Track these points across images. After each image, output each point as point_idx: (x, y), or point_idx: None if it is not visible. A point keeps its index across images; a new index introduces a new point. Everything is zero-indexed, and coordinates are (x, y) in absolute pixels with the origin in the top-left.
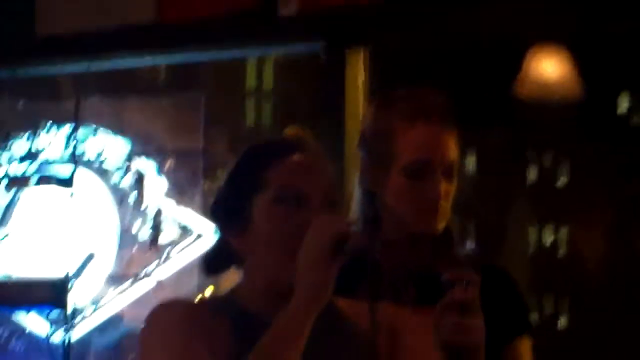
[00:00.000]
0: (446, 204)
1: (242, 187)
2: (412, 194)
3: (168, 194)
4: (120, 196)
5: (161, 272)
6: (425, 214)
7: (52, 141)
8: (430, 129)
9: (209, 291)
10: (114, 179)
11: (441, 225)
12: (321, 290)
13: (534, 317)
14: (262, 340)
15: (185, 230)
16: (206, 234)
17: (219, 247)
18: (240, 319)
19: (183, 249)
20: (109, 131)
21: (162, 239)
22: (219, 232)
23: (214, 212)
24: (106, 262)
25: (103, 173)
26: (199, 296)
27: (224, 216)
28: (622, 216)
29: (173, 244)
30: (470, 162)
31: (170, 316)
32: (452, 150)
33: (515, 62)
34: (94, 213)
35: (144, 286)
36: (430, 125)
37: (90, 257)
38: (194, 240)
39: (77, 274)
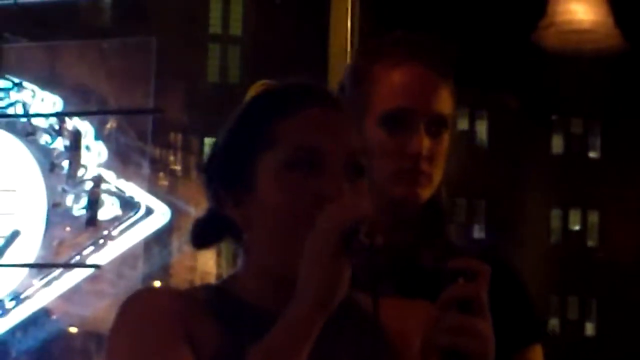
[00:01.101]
0: (431, 166)
1: (246, 142)
2: (387, 149)
3: (109, 162)
4: (49, 164)
5: (100, 256)
6: (405, 175)
7: None
8: (415, 72)
9: (157, 282)
10: (42, 142)
11: (425, 193)
12: (329, 293)
13: (554, 321)
14: (257, 348)
15: (129, 206)
16: (156, 209)
17: (211, 214)
18: (234, 313)
19: (127, 228)
20: (37, 84)
21: (101, 216)
22: (212, 197)
23: (207, 171)
24: (31, 244)
25: (28, 135)
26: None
27: (220, 178)
28: None
29: (115, 222)
30: (482, 128)
31: (148, 306)
32: (443, 101)
33: (537, 4)
34: (16, 183)
35: (78, 275)
36: (415, 67)
37: (12, 237)
38: (140, 218)
39: None
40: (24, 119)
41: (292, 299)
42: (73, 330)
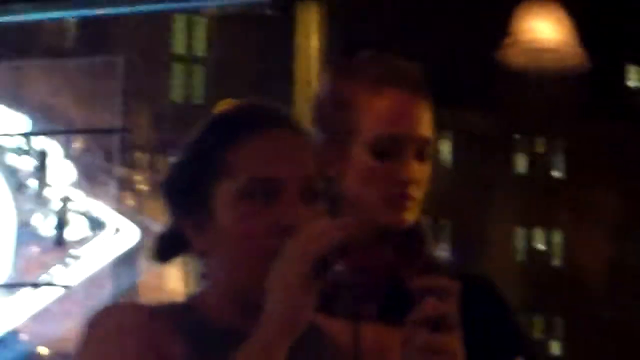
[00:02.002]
0: (418, 190)
1: (201, 171)
2: (377, 176)
3: (77, 181)
4: (17, 183)
5: (69, 276)
6: (393, 201)
7: None
8: (400, 98)
9: (127, 300)
10: (10, 162)
11: (412, 217)
12: (296, 319)
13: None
14: None
15: (97, 225)
16: (124, 228)
17: (171, 230)
18: (199, 331)
19: (95, 247)
20: (3, 103)
21: (70, 235)
22: (172, 219)
23: (167, 191)
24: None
25: None
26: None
27: (178, 202)
28: (630, 214)
29: (83, 241)
30: (446, 148)
31: (115, 322)
32: (426, 125)
33: (502, 24)
34: None
35: (47, 295)
36: (399, 93)
37: None
38: (108, 237)
39: None
40: None
41: (257, 322)
42: (42, 350)
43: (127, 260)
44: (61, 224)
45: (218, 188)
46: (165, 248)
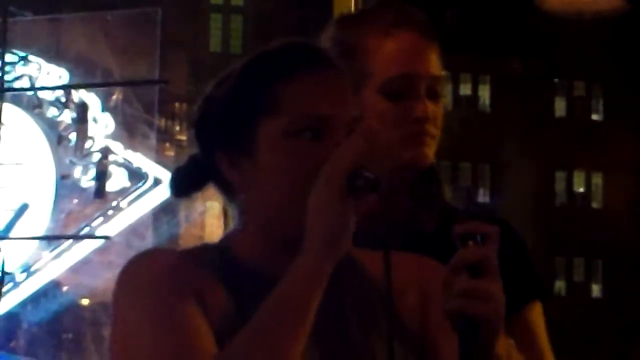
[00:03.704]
0: (434, 128)
1: (246, 106)
2: (392, 117)
3: (116, 133)
4: (56, 136)
5: (109, 227)
6: (411, 139)
7: None
8: (409, 39)
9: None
10: (49, 115)
11: (431, 153)
12: (338, 234)
13: (560, 283)
14: (270, 297)
15: (137, 177)
16: (163, 179)
17: (192, 162)
18: (236, 273)
19: (135, 198)
20: (43, 57)
21: (110, 187)
22: (205, 154)
23: (200, 126)
24: (40, 216)
25: (35, 108)
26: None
27: (217, 138)
28: None
29: (123, 192)
30: (485, 94)
31: (152, 268)
32: (435, 64)
33: None
34: (24, 156)
35: (87, 246)
36: (408, 35)
37: (21, 210)
38: (149, 188)
39: (6, 230)
40: (30, 92)
41: (297, 254)
42: (84, 301)
43: (167, 210)
44: (101, 176)
45: (264, 125)
46: (184, 182)
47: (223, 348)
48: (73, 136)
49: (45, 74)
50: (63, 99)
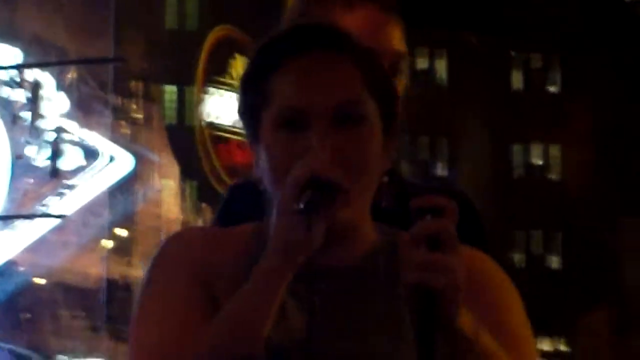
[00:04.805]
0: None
1: (250, 99)
2: None
3: (70, 112)
4: (11, 116)
5: (64, 206)
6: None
7: None
8: (371, 14)
9: (120, 230)
10: (3, 95)
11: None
12: (292, 246)
13: (518, 255)
14: (231, 300)
15: (93, 155)
16: (119, 157)
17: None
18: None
19: (91, 177)
20: None
21: (64, 166)
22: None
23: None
24: None
25: None
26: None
27: (244, 122)
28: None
29: (78, 171)
30: (442, 67)
31: (169, 250)
32: (398, 40)
33: None
34: None
35: (43, 226)
36: (370, 10)
37: None
38: (104, 167)
39: None
40: None
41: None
42: (40, 281)
43: (123, 188)
44: (55, 155)
45: (263, 116)
46: None
47: None
48: (28, 115)
49: None
50: (17, 79)
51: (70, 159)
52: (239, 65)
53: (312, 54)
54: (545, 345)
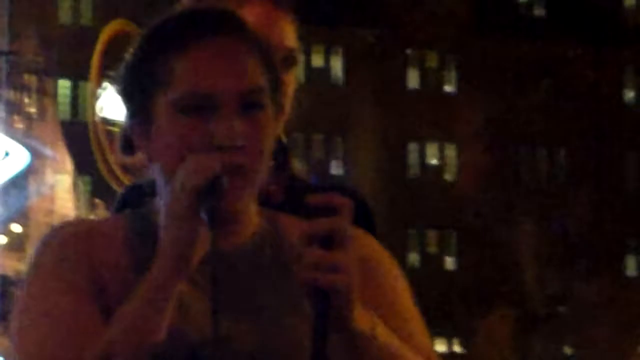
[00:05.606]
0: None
1: (143, 75)
2: None
3: None
4: None
5: None
6: None
7: None
8: (264, 10)
9: (14, 226)
10: None
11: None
12: (185, 254)
13: (413, 255)
14: (120, 309)
15: None
16: (13, 151)
17: (125, 130)
18: (148, 237)
19: None
20: None
21: None
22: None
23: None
24: None
25: None
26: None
27: (125, 104)
28: (518, 129)
29: None
30: (337, 65)
31: (49, 245)
32: (290, 37)
33: None
34: None
35: None
36: (262, 6)
37: None
38: None
39: None
40: None
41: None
42: None
43: (16, 184)
44: None
45: (158, 97)
46: (127, 145)
47: None
48: None
49: None
50: None
51: None
52: None
53: (217, 39)
54: (440, 347)
